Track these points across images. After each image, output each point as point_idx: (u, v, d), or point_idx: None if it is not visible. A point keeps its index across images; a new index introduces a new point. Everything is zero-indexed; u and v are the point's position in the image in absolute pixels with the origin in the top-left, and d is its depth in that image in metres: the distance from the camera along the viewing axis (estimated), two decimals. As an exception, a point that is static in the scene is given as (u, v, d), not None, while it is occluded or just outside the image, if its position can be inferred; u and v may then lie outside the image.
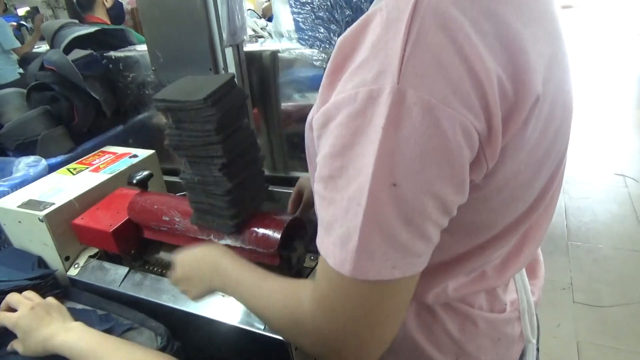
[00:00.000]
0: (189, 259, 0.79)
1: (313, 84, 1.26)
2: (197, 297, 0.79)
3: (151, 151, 1.32)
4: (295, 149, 1.37)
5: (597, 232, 2.66)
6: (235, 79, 0.83)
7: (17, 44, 3.54)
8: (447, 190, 0.42)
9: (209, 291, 0.77)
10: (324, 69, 1.09)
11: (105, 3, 2.42)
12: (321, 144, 0.46)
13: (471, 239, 0.54)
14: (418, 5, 0.39)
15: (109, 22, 2.41)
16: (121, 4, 2.69)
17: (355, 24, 0.45)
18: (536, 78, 0.43)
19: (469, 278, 0.58)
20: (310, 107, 1.27)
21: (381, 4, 0.43)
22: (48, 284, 1.05)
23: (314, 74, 1.23)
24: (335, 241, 0.44)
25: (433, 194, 0.42)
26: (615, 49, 6.10)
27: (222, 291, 0.73)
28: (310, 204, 1.02)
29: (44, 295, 1.03)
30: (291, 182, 1.36)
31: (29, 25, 4.43)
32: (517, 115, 0.42)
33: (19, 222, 1.09)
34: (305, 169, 1.39)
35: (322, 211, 0.46)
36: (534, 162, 0.48)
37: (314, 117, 0.48)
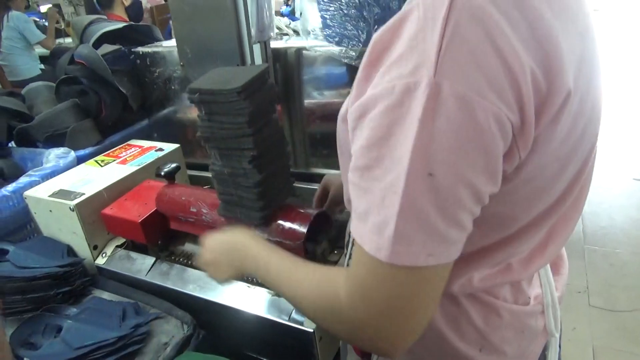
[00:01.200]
0: (217, 242, 0.79)
1: (337, 82, 1.27)
2: (225, 280, 0.80)
3: (176, 145, 1.35)
4: (316, 146, 1.39)
5: (615, 237, 2.64)
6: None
7: (43, 36, 3.62)
8: (481, 179, 0.43)
9: (238, 275, 0.77)
10: (352, 65, 1.11)
11: (124, 1, 2.45)
12: (357, 135, 0.48)
13: (498, 231, 0.55)
14: (454, 1, 0.41)
15: (127, 20, 2.45)
16: (140, 2, 2.73)
17: (392, 19, 0.47)
18: (568, 73, 0.44)
19: (495, 270, 0.59)
20: (333, 104, 1.30)
21: (417, 0, 0.44)
22: (77, 271, 1.08)
23: (338, 72, 1.24)
24: (372, 229, 0.45)
25: (468, 183, 0.43)
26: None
27: (252, 275, 0.73)
28: (337, 201, 1.03)
29: (73, 283, 1.07)
30: (312, 178, 1.38)
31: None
32: (549, 109, 0.43)
33: (50, 211, 1.12)
34: (327, 166, 1.41)
35: (358, 200, 0.48)
36: (561, 156, 0.49)
37: (349, 110, 0.49)
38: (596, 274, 2.37)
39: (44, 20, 4.72)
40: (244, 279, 0.90)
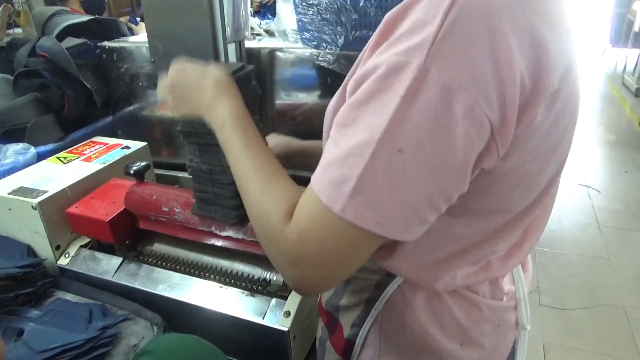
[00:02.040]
0: (187, 76, 0.71)
1: (308, 84, 1.28)
2: (176, 113, 0.73)
3: (143, 143, 1.32)
4: (287, 147, 1.39)
5: (563, 239, 2.79)
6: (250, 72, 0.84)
7: None
8: (447, 172, 0.45)
9: (193, 114, 0.71)
10: (324, 68, 1.12)
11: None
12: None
13: (480, 228, 0.57)
14: None
15: (84, 13, 2.35)
16: (99, -5, 2.62)
17: (402, 3, 0.49)
18: (554, 75, 0.46)
19: (476, 267, 0.62)
20: (304, 105, 1.31)
21: None
22: (39, 272, 1.04)
23: (310, 74, 1.26)
24: (332, 181, 0.46)
25: (432, 172, 0.44)
26: (582, 66, 6.38)
27: (211, 127, 0.67)
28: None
29: (34, 284, 1.02)
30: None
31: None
32: (531, 108, 0.46)
33: (9, 209, 1.07)
34: (297, 167, 1.42)
35: (327, 151, 0.49)
36: (541, 154, 0.52)
37: (349, 83, 0.51)
38: (546, 274, 2.49)
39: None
40: (187, 127, 0.84)
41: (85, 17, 1.44)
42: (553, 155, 0.54)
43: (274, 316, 0.90)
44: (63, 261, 1.10)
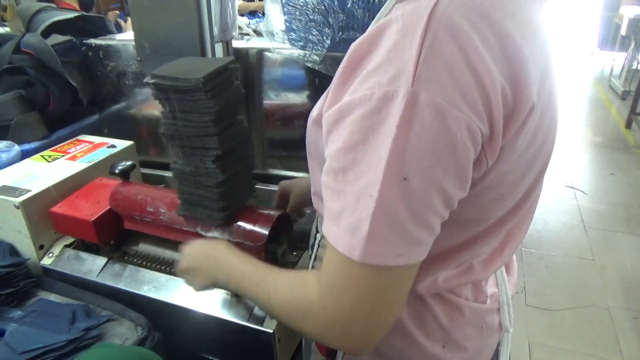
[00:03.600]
0: (196, 251, 0.81)
1: (296, 84, 1.28)
2: (200, 288, 0.82)
3: (130, 142, 1.31)
4: (275, 147, 1.39)
5: (549, 240, 2.82)
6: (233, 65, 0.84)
7: None
8: (452, 185, 0.46)
9: (212, 284, 0.79)
10: (312, 69, 1.12)
11: (76, -12, 2.34)
12: (332, 139, 0.50)
13: (461, 233, 0.58)
14: (432, 17, 0.43)
15: (78, 9, 2.33)
16: (92, -10, 2.60)
17: (369, 30, 0.49)
18: (532, 88, 0.47)
19: (458, 270, 0.62)
20: (292, 106, 1.31)
21: (396, 14, 0.46)
22: (21, 272, 1.03)
23: (298, 75, 1.26)
24: (345, 229, 0.47)
25: (439, 188, 0.45)
26: (566, 70, 6.46)
27: (225, 285, 0.76)
28: (297, 207, 1.04)
29: (16, 285, 1.01)
30: (270, 179, 1.38)
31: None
32: (515, 120, 0.47)
33: (-9, 208, 1.06)
34: (285, 167, 1.42)
35: (331, 202, 0.50)
36: (522, 164, 0.53)
37: (324, 114, 0.51)
38: (532, 275, 2.52)
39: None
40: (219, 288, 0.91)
41: (71, 14, 1.42)
42: (533, 164, 0.56)
43: (259, 318, 0.90)
44: (46, 261, 1.09)
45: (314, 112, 0.61)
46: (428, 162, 0.44)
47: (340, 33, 1.00)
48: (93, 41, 1.37)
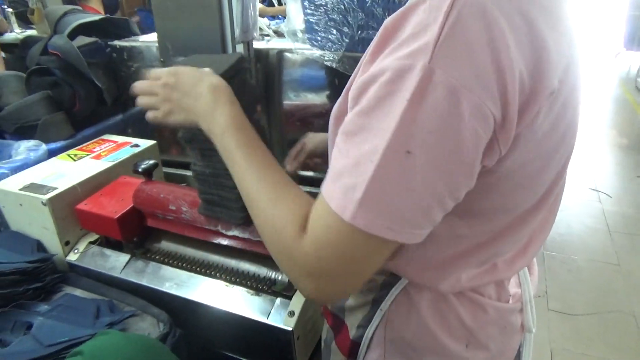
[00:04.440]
0: (185, 77, 0.68)
1: (316, 85, 1.29)
2: (169, 120, 0.69)
3: (152, 142, 1.33)
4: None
5: (572, 244, 2.76)
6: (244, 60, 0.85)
7: None
8: (456, 170, 0.46)
9: (187, 122, 0.67)
10: (332, 69, 1.13)
11: (101, -8, 2.40)
12: (352, 107, 0.50)
13: (484, 228, 0.57)
14: None
15: (102, 12, 2.39)
16: (116, -8, 2.67)
17: (401, 8, 0.49)
18: (553, 74, 0.47)
19: (481, 269, 0.62)
20: (312, 106, 1.32)
21: None
22: (47, 267, 1.05)
23: (318, 75, 1.26)
24: (342, 188, 0.47)
25: (443, 170, 0.45)
26: (592, 70, 6.33)
27: (209, 134, 0.65)
28: (313, 155, 1.01)
29: (43, 279, 1.04)
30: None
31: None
32: (532, 107, 0.46)
33: (20, 205, 1.09)
34: (304, 167, 1.42)
35: (335, 161, 0.50)
36: (542, 154, 0.52)
37: (351, 89, 0.51)
38: (555, 279, 2.47)
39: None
40: (188, 133, 0.81)
41: (97, 16, 1.46)
42: (554, 156, 0.55)
43: (279, 316, 0.90)
44: (72, 257, 1.11)
45: (335, 109, 0.61)
46: (434, 139, 0.44)
47: (359, 32, 1.00)
48: (117, 43, 1.40)
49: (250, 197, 0.58)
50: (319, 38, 1.07)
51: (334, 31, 1.04)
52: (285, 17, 1.22)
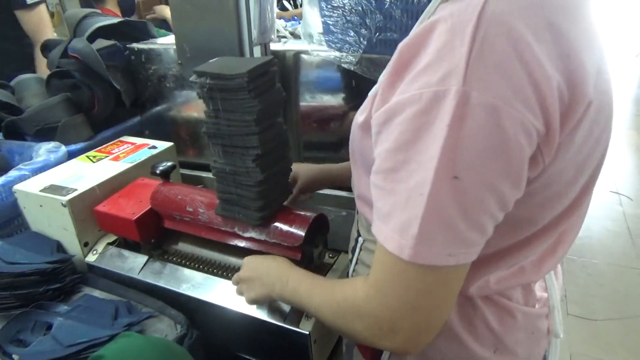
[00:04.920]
0: (258, 262, 0.84)
1: (333, 87, 1.28)
2: (253, 300, 0.84)
3: (170, 143, 1.34)
4: (311, 149, 1.39)
5: (592, 247, 2.71)
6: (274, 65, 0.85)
7: None
8: (505, 185, 0.45)
9: (266, 298, 0.81)
10: (348, 71, 1.12)
11: (118, -6, 2.42)
12: (381, 139, 0.50)
13: (515, 234, 0.57)
14: (482, 15, 0.43)
15: (120, 15, 2.42)
16: (133, -5, 2.70)
17: (417, 30, 0.48)
18: (589, 84, 0.46)
19: (509, 272, 0.61)
20: (329, 108, 1.31)
21: (444, 14, 0.46)
22: (67, 268, 1.07)
23: (335, 77, 1.26)
24: (395, 228, 0.47)
25: (492, 188, 0.45)
26: (613, 71, 6.22)
27: (280, 295, 0.77)
28: (304, 190, 1.07)
29: (63, 280, 1.05)
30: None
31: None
32: (572, 117, 0.46)
33: (40, 206, 1.10)
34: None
35: (381, 201, 0.50)
36: (578, 162, 0.52)
37: (374, 115, 0.51)
38: (574, 283, 2.43)
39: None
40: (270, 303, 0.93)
41: (115, 20, 1.47)
42: (587, 164, 0.54)
43: (296, 318, 0.90)
44: (91, 258, 1.12)
45: (360, 118, 0.60)
46: (480, 160, 0.43)
47: (378, 34, 0.99)
48: (136, 45, 1.41)
49: (318, 308, 0.64)
50: (336, 40, 1.07)
51: (352, 33, 1.03)
52: (301, 19, 1.22)
